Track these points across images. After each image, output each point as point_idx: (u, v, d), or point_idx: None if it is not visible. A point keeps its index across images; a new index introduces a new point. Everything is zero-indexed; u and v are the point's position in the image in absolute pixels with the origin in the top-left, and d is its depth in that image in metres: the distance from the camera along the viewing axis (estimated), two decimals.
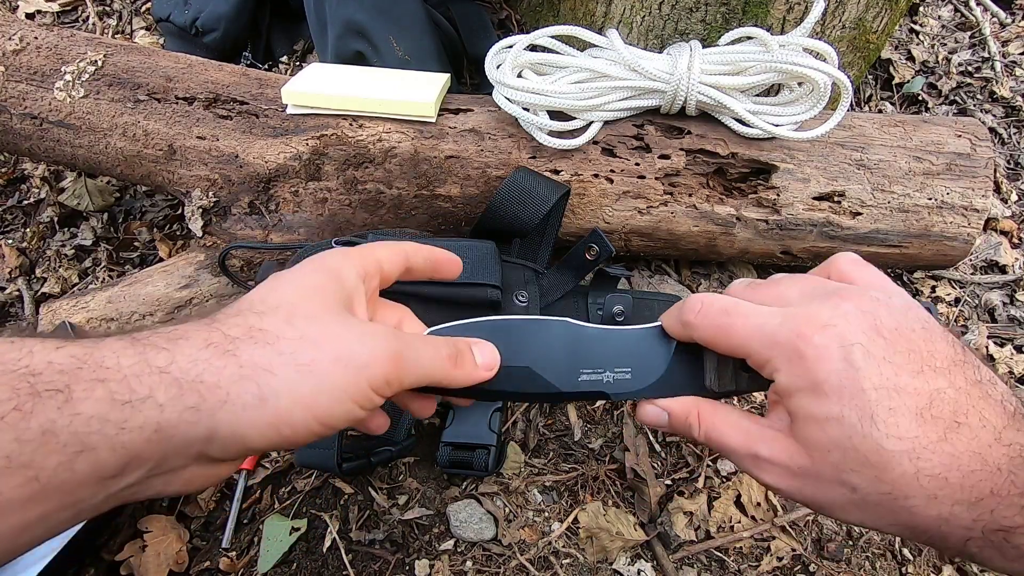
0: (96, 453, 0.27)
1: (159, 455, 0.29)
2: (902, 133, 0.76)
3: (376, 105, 0.72)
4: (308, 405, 0.32)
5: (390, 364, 0.34)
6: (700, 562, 0.65)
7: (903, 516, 0.34)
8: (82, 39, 0.76)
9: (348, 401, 0.33)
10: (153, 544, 0.65)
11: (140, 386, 0.28)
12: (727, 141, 0.73)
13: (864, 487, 0.34)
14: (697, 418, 0.41)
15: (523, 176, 0.70)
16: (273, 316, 0.33)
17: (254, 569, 0.63)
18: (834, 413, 0.34)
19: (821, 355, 0.34)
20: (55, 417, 0.26)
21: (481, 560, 0.63)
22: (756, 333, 0.37)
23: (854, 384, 0.33)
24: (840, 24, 0.79)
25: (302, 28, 1.05)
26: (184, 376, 0.30)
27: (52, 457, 0.26)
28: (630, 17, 0.80)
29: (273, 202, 0.74)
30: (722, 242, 0.77)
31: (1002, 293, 0.91)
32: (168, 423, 0.29)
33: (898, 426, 0.33)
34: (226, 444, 0.31)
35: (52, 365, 0.27)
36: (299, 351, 0.32)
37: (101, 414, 0.27)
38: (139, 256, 0.92)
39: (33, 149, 0.76)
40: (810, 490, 0.36)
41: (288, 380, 0.31)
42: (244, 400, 0.30)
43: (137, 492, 0.31)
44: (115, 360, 0.29)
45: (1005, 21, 1.18)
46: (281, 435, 0.32)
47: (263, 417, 0.31)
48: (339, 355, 0.33)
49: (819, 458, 0.35)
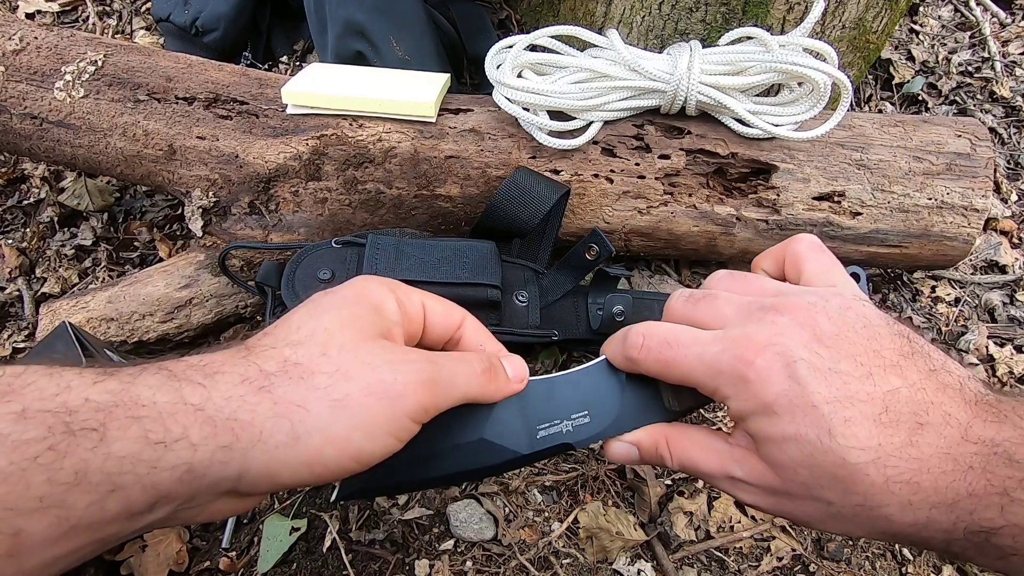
0: (127, 492, 0.27)
1: (188, 493, 0.29)
2: (902, 133, 0.76)
3: (376, 105, 0.72)
4: (342, 444, 0.31)
5: (424, 391, 0.33)
6: (700, 562, 0.65)
7: (881, 524, 0.33)
8: (82, 39, 0.76)
9: (384, 436, 0.32)
10: (153, 544, 0.65)
11: (175, 425, 0.28)
12: (727, 141, 0.73)
13: (837, 500, 0.33)
14: (667, 446, 0.40)
15: (523, 176, 0.70)
16: (308, 348, 0.33)
17: (254, 569, 0.63)
18: (790, 432, 0.33)
19: (765, 377, 0.34)
20: (88, 457, 0.26)
21: (481, 560, 0.63)
22: (698, 364, 0.36)
23: (804, 401, 0.33)
24: (840, 24, 0.79)
25: (302, 28, 1.05)
26: (218, 414, 0.29)
27: (84, 497, 0.26)
28: (630, 17, 0.80)
29: (273, 202, 0.74)
30: (722, 242, 0.77)
31: (1002, 293, 0.91)
32: (200, 463, 0.28)
33: (857, 436, 0.32)
34: (256, 481, 0.30)
35: (88, 403, 0.27)
36: (333, 386, 0.31)
37: (134, 454, 0.27)
38: (139, 256, 0.92)
39: (33, 149, 0.76)
40: (788, 507, 0.36)
41: (321, 417, 0.31)
42: (277, 439, 0.30)
43: (162, 524, 0.30)
44: (151, 397, 0.28)
45: (1005, 21, 1.18)
46: (313, 473, 0.31)
47: (296, 456, 0.30)
48: (372, 388, 0.32)
49: (788, 477, 0.34)
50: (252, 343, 0.33)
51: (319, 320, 0.34)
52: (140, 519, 0.28)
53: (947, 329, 0.87)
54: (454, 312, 0.41)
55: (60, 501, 0.25)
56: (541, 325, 0.69)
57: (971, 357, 0.84)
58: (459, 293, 0.63)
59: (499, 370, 0.39)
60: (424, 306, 0.39)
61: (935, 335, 0.87)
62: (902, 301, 0.89)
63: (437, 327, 0.40)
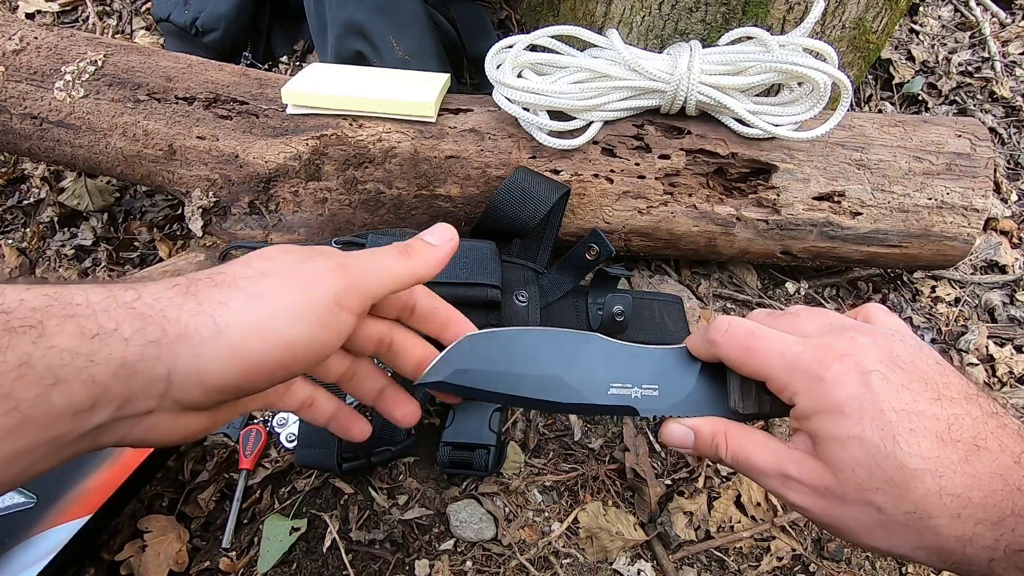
0: (69, 385, 0.28)
1: (125, 392, 0.30)
2: (902, 133, 0.76)
3: (376, 105, 0.72)
4: (261, 332, 0.32)
5: (338, 274, 0.35)
6: (700, 562, 0.65)
7: (928, 537, 0.34)
8: (82, 39, 0.76)
9: (306, 321, 0.33)
10: (153, 544, 0.65)
11: (107, 320, 0.29)
12: (727, 141, 0.73)
13: (889, 506, 0.34)
14: (724, 438, 0.41)
15: (523, 176, 0.70)
16: (235, 264, 0.35)
17: (254, 569, 0.63)
18: (855, 433, 0.35)
19: (840, 380, 0.36)
20: (31, 351, 0.27)
21: (481, 560, 0.63)
22: (778, 358, 0.38)
23: (874, 406, 0.35)
24: (840, 24, 0.79)
25: (302, 28, 1.05)
26: (148, 311, 0.30)
27: (30, 389, 0.27)
28: (630, 17, 0.80)
29: (273, 202, 0.74)
30: (722, 242, 0.77)
31: (1002, 293, 0.91)
32: (132, 357, 0.29)
33: (919, 446, 0.34)
34: (187, 383, 0.31)
35: (24, 303, 0.28)
36: (251, 284, 0.33)
37: (72, 347, 0.28)
38: (139, 256, 0.92)
39: (33, 149, 0.76)
40: (838, 512, 0.37)
41: (239, 310, 0.32)
42: (201, 335, 0.31)
43: (106, 435, 0.31)
44: (84, 297, 0.30)
45: (1005, 21, 1.18)
46: (240, 368, 0.31)
47: (219, 350, 0.31)
48: (287, 280, 0.33)
49: (844, 478, 0.36)
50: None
51: (250, 253, 0.36)
52: (84, 418, 0.29)
53: (947, 329, 0.87)
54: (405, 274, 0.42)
55: (8, 392, 0.26)
56: (541, 325, 0.69)
57: (971, 357, 0.84)
58: (459, 293, 0.63)
59: (417, 245, 0.40)
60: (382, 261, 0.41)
61: (935, 335, 0.87)
62: (902, 301, 0.89)
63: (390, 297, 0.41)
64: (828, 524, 0.38)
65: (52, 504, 0.61)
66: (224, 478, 0.71)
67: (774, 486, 0.39)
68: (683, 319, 0.75)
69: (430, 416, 0.73)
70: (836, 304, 0.88)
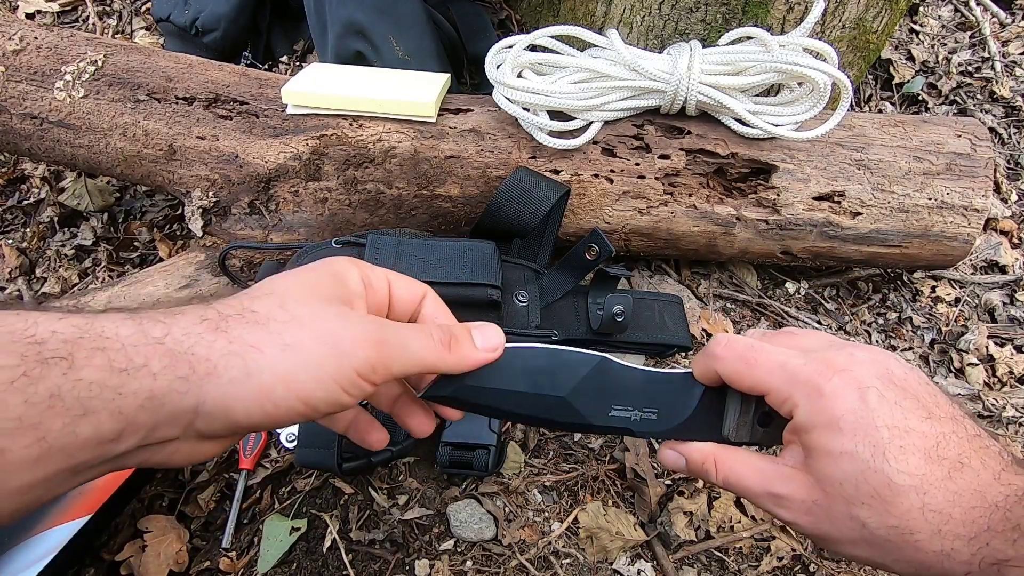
0: (97, 417, 0.28)
1: (151, 423, 0.30)
2: (902, 133, 0.76)
3: (376, 105, 0.72)
4: (290, 383, 0.32)
5: (373, 349, 0.35)
6: (700, 562, 0.65)
7: (909, 552, 0.35)
8: (82, 39, 0.76)
9: (331, 383, 0.33)
10: (153, 544, 0.65)
11: (136, 355, 0.30)
12: (727, 141, 0.73)
13: (873, 522, 0.36)
14: (714, 464, 0.42)
15: (523, 176, 0.70)
16: (267, 300, 0.35)
17: (254, 569, 0.63)
18: (848, 448, 0.36)
19: (839, 394, 0.37)
20: (60, 382, 0.28)
21: (481, 560, 0.63)
22: (778, 369, 0.39)
23: (868, 422, 0.36)
24: (840, 24, 0.79)
25: (302, 28, 1.05)
26: (177, 347, 0.31)
27: (57, 420, 0.27)
28: (630, 17, 0.80)
29: (273, 202, 0.74)
30: (722, 242, 0.77)
31: (1002, 293, 0.91)
32: (160, 391, 0.30)
33: (908, 463, 0.35)
34: (213, 418, 0.31)
35: (56, 335, 0.29)
36: (285, 331, 0.33)
37: (101, 380, 0.28)
38: (139, 256, 0.92)
39: (33, 149, 0.76)
40: (824, 526, 0.38)
41: (272, 358, 0.32)
42: (231, 374, 0.31)
43: (128, 460, 0.31)
44: (114, 331, 0.30)
45: (1005, 21, 1.18)
46: (264, 412, 0.32)
47: (248, 392, 0.31)
48: (322, 336, 0.34)
49: (832, 492, 0.37)
50: (216, 299, 0.35)
51: (280, 282, 0.36)
52: (109, 448, 0.29)
53: (947, 329, 0.87)
54: (416, 287, 0.43)
55: (37, 422, 0.27)
56: (541, 325, 0.69)
57: (971, 357, 0.84)
58: (459, 293, 0.63)
59: (462, 340, 0.40)
60: (388, 280, 0.41)
61: (935, 335, 0.87)
62: (902, 301, 0.89)
63: (402, 300, 0.42)
64: (816, 536, 0.39)
65: (52, 504, 0.61)
66: (224, 478, 0.71)
67: (764, 504, 0.40)
68: (683, 319, 0.75)
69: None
70: (836, 304, 0.88)
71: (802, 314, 0.85)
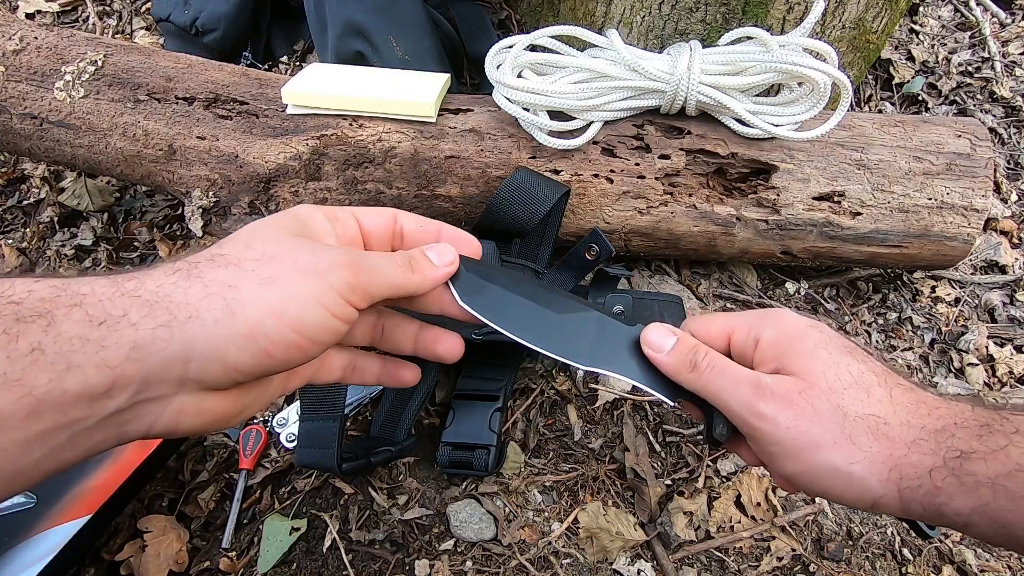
0: (82, 371, 0.28)
1: (141, 374, 0.30)
2: (902, 133, 0.76)
3: (376, 105, 0.72)
4: (277, 313, 0.32)
5: (348, 270, 0.35)
6: (700, 562, 0.65)
7: (884, 443, 0.38)
8: (82, 39, 0.76)
9: (317, 306, 0.34)
10: (153, 544, 0.65)
11: (114, 308, 0.30)
12: (727, 141, 0.73)
13: (854, 409, 0.38)
14: (704, 351, 0.43)
15: (523, 176, 0.70)
16: (232, 244, 0.35)
17: (254, 569, 0.63)
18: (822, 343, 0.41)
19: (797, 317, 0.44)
20: (40, 338, 0.28)
21: (481, 560, 0.63)
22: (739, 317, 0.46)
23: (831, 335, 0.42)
24: (840, 24, 0.79)
25: (302, 28, 1.05)
26: (153, 297, 0.31)
27: (42, 374, 0.27)
28: (630, 17, 0.80)
29: (273, 202, 0.74)
30: (722, 242, 0.77)
31: (1002, 293, 0.91)
32: (143, 340, 0.30)
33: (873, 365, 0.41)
34: (206, 363, 0.31)
35: (33, 294, 0.29)
36: (260, 267, 0.33)
37: (82, 334, 0.29)
38: (139, 256, 0.92)
39: (33, 149, 0.76)
40: (805, 422, 0.39)
41: (253, 292, 0.32)
42: (214, 315, 0.31)
43: (130, 420, 0.31)
44: (90, 288, 0.30)
45: (1005, 21, 1.18)
46: (260, 348, 0.32)
47: (236, 329, 0.31)
48: (298, 265, 0.34)
49: (817, 381, 0.39)
50: (183, 254, 0.36)
51: (245, 229, 0.37)
52: (101, 403, 0.29)
53: (947, 329, 0.87)
54: (384, 212, 0.43)
55: (21, 377, 0.27)
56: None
57: (971, 357, 0.84)
58: None
59: (420, 260, 0.41)
60: (355, 215, 0.42)
61: (935, 335, 0.87)
62: (902, 301, 0.89)
63: (375, 229, 0.42)
64: (792, 438, 0.39)
65: (52, 504, 0.61)
66: (224, 478, 0.71)
67: (746, 397, 0.41)
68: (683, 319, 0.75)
69: (430, 416, 0.73)
70: (836, 304, 0.88)
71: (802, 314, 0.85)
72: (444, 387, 0.73)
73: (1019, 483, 0.34)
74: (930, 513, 0.37)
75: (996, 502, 0.34)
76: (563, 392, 0.74)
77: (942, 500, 0.36)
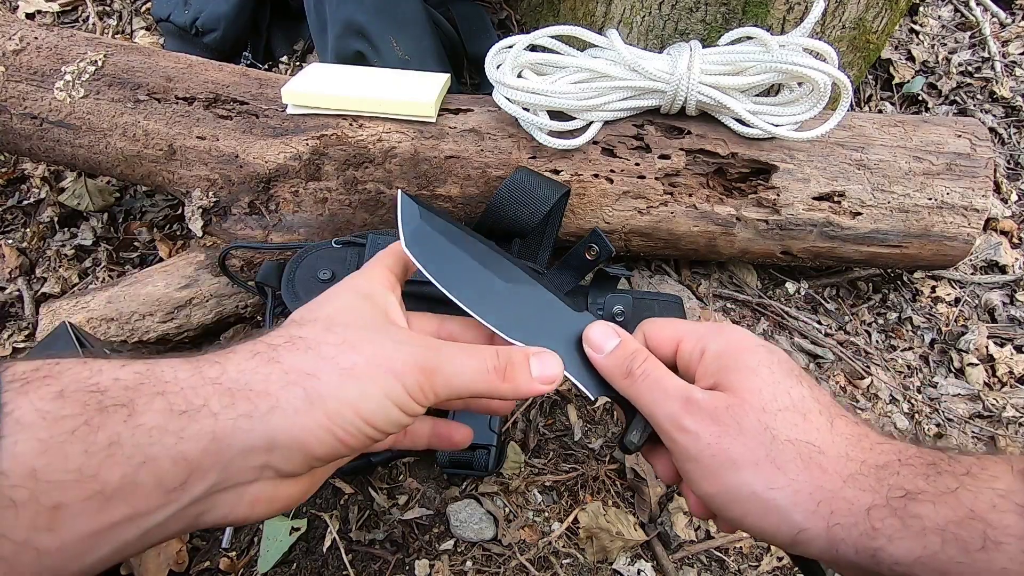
0: (157, 463, 0.28)
1: (219, 465, 0.30)
2: (902, 133, 0.76)
3: (376, 105, 0.72)
4: (355, 406, 0.32)
5: (421, 374, 0.35)
6: (700, 562, 0.65)
7: (814, 472, 0.34)
8: (82, 39, 0.76)
9: (389, 404, 0.34)
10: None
11: (195, 397, 0.30)
12: (727, 141, 0.73)
13: (784, 432, 0.35)
14: (643, 357, 0.41)
15: (523, 176, 0.70)
16: (312, 326, 0.35)
17: (254, 569, 0.63)
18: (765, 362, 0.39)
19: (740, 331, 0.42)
20: (120, 430, 0.27)
21: (481, 560, 0.63)
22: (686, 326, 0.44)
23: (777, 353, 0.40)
24: (840, 24, 0.79)
25: (302, 28, 1.05)
26: (234, 385, 0.31)
27: (117, 469, 0.27)
28: (630, 17, 0.80)
29: (273, 202, 0.74)
30: (722, 242, 0.77)
31: (1002, 293, 0.91)
32: (223, 431, 0.30)
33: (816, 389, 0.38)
34: (288, 452, 0.31)
35: (118, 382, 0.29)
36: (340, 355, 0.33)
37: (160, 425, 0.28)
38: (139, 256, 0.92)
39: (33, 149, 0.76)
40: (727, 440, 0.36)
41: (332, 384, 0.32)
42: (294, 405, 0.31)
43: (206, 511, 0.31)
44: (173, 374, 0.30)
45: (1005, 21, 1.18)
46: (337, 438, 0.32)
47: (315, 420, 0.31)
48: (377, 359, 0.34)
49: (749, 399, 0.37)
50: (263, 332, 0.36)
51: (322, 308, 0.37)
52: (175, 496, 0.29)
53: (947, 329, 0.87)
54: (394, 254, 0.43)
55: (95, 473, 0.26)
56: None
57: (971, 357, 0.84)
58: None
59: (519, 368, 0.38)
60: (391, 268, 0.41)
61: (935, 335, 0.87)
62: (902, 301, 0.89)
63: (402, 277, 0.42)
64: (711, 455, 0.36)
65: None
66: None
67: (673, 409, 0.38)
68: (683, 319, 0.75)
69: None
70: (836, 304, 0.88)
71: (802, 314, 0.85)
72: None
73: (973, 533, 0.30)
74: (863, 559, 0.32)
75: (945, 552, 0.30)
76: (563, 392, 0.74)
77: (879, 544, 0.32)
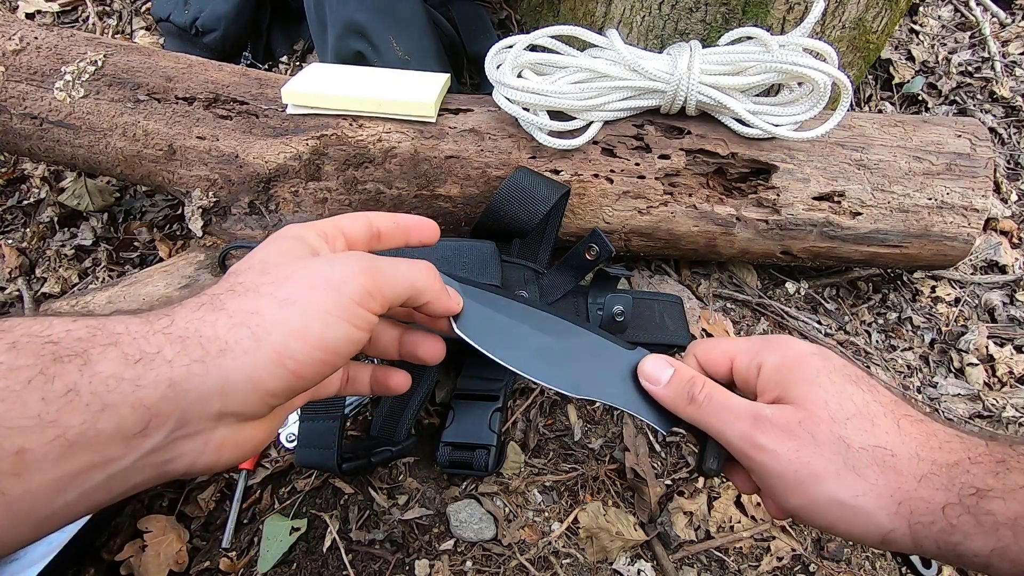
0: (117, 410, 0.28)
1: (178, 411, 0.30)
2: (902, 133, 0.76)
3: (376, 105, 0.72)
4: (300, 334, 0.33)
5: (365, 276, 0.35)
6: (700, 562, 0.65)
7: (890, 476, 0.36)
8: (82, 39, 0.76)
9: (339, 321, 0.34)
10: (153, 544, 0.65)
11: (148, 346, 0.30)
12: (727, 141, 0.73)
13: (857, 439, 0.37)
14: (701, 382, 0.43)
15: (523, 176, 0.70)
16: (248, 272, 0.35)
17: (254, 569, 0.63)
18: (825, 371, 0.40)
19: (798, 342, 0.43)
20: (76, 378, 0.28)
21: (481, 560, 0.63)
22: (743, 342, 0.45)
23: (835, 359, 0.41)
24: (840, 24, 0.79)
25: (302, 28, 1.05)
26: (184, 333, 0.31)
27: (76, 415, 0.28)
28: (630, 17, 0.80)
29: (273, 202, 0.74)
30: (722, 242, 0.77)
31: (1002, 293, 0.91)
32: (179, 376, 0.30)
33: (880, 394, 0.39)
34: (243, 393, 0.32)
35: (70, 333, 0.29)
36: (277, 290, 0.34)
37: (117, 373, 0.29)
38: (139, 256, 0.92)
39: (33, 149, 0.76)
40: (807, 453, 0.38)
41: (274, 316, 0.33)
42: (242, 345, 0.32)
43: (171, 459, 0.31)
44: (124, 327, 0.31)
45: (1005, 21, 1.18)
46: (289, 369, 0.32)
47: (265, 355, 0.32)
48: (313, 282, 0.34)
49: (817, 411, 0.38)
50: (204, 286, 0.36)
51: (255, 256, 0.37)
52: (137, 442, 0.29)
53: (947, 329, 0.87)
54: (360, 217, 0.43)
55: (55, 419, 0.27)
56: None
57: (971, 357, 0.84)
58: None
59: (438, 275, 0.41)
60: (338, 225, 0.42)
61: (935, 335, 0.87)
62: (902, 301, 0.89)
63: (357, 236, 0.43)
64: (794, 471, 0.38)
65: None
66: (224, 478, 0.71)
67: (744, 429, 0.40)
68: (683, 319, 0.75)
69: (430, 416, 0.73)
70: (836, 304, 0.88)
71: (802, 314, 0.85)
72: (444, 387, 0.73)
73: None
74: (945, 552, 0.35)
75: (1018, 544, 0.33)
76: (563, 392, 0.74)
77: (958, 539, 0.34)
